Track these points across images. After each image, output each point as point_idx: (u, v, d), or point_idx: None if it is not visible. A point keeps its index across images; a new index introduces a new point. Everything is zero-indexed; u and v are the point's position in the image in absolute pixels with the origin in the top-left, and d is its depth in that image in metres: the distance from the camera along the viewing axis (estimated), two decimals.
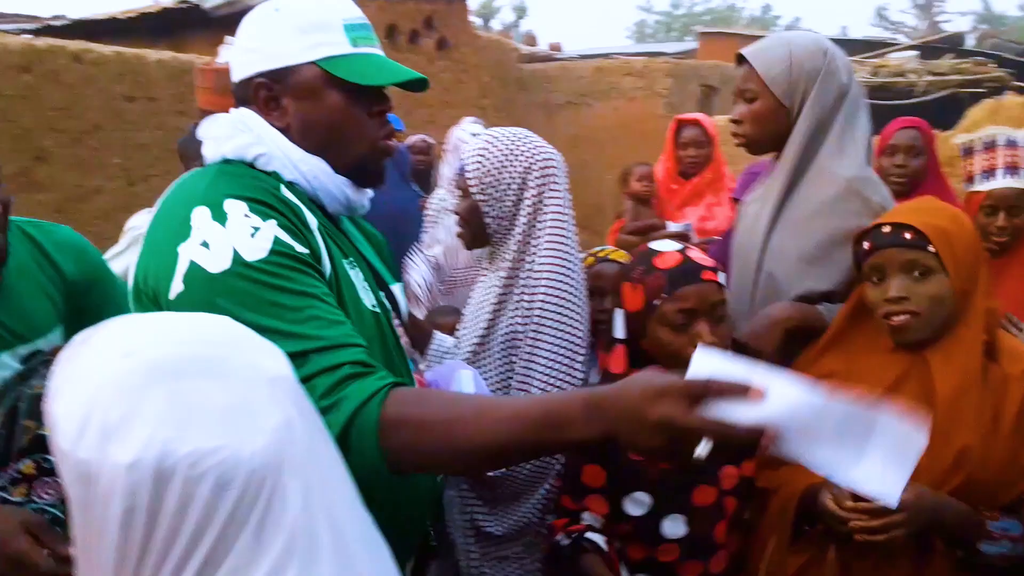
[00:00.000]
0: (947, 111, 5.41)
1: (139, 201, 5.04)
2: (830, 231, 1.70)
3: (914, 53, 9.46)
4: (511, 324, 1.70)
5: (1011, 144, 2.37)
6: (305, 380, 0.98)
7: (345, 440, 0.99)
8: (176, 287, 1.07)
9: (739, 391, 0.85)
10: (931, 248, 1.46)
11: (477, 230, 1.75)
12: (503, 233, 1.74)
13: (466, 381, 1.54)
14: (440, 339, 1.91)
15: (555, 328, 1.66)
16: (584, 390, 1.03)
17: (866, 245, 1.52)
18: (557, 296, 1.68)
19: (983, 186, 2.38)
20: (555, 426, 0.97)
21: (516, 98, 8.89)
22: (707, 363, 0.88)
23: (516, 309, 1.70)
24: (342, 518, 0.76)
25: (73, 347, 0.74)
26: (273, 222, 1.11)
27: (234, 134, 1.21)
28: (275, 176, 1.20)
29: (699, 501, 1.50)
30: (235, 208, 1.10)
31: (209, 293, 1.05)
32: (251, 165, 1.20)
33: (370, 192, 1.32)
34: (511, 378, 1.69)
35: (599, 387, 0.98)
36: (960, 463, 1.44)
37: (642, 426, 0.90)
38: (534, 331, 1.66)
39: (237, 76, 1.25)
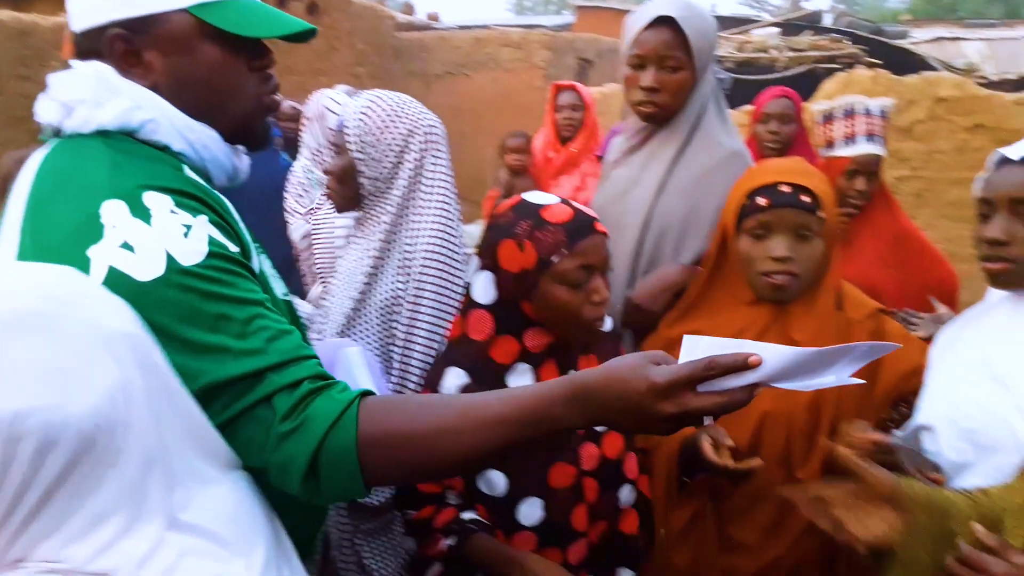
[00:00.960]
0: (805, 85, 5.69)
1: None
2: (717, 194, 1.73)
3: (776, 30, 9.90)
4: (392, 288, 1.65)
5: (869, 112, 2.49)
6: (263, 400, 0.91)
7: (315, 463, 0.91)
8: None
9: (740, 364, 0.88)
10: (821, 213, 1.53)
11: (350, 191, 1.68)
12: (377, 196, 1.67)
13: (355, 359, 1.48)
14: (297, 305, 1.85)
15: (436, 291, 1.63)
16: (564, 380, 0.96)
17: (762, 201, 1.53)
18: (439, 261, 1.64)
19: (845, 151, 2.49)
20: (540, 422, 0.94)
21: (392, 67, 8.70)
22: (697, 347, 0.91)
23: (396, 274, 1.65)
24: (189, 484, 0.74)
25: None
26: (204, 218, 0.97)
27: (106, 97, 1.01)
28: (168, 150, 1.03)
29: (556, 483, 1.41)
30: (158, 202, 0.94)
31: (138, 305, 0.87)
32: (130, 135, 1.02)
33: (247, 159, 1.18)
34: (391, 343, 1.65)
35: (580, 376, 0.95)
36: (817, 405, 1.52)
37: (654, 420, 0.91)
38: (415, 295, 1.62)
39: (81, 24, 1.04)
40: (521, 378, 1.42)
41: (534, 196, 1.45)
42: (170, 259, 0.90)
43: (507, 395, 0.98)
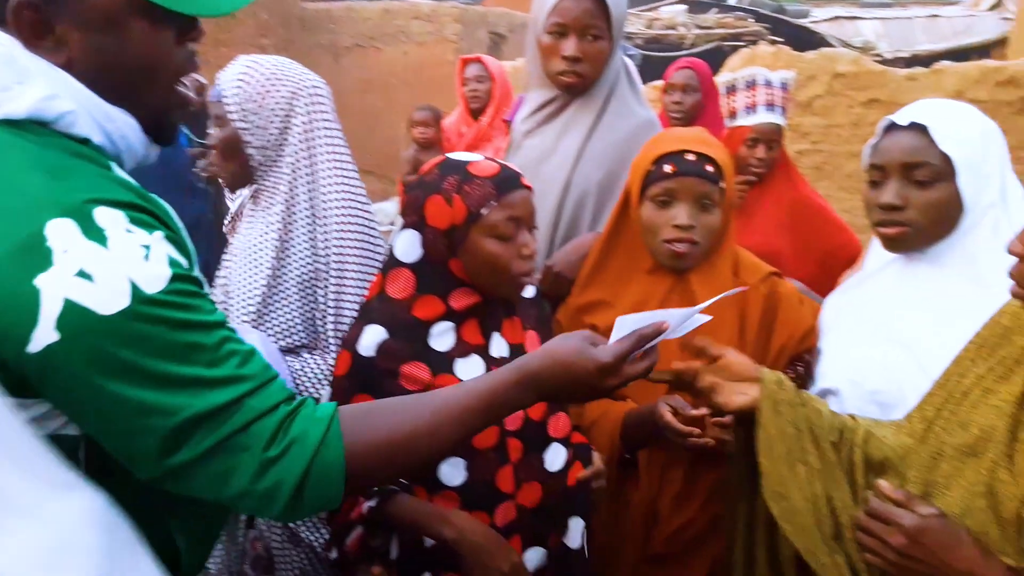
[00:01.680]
0: (712, 61, 5.81)
1: None
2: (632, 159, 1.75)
3: (683, 7, 10.06)
4: (310, 261, 1.59)
5: (769, 84, 2.57)
6: (241, 429, 0.86)
7: (303, 484, 0.90)
8: (44, 336, 0.78)
9: (657, 331, 1.08)
10: (722, 184, 1.55)
11: (237, 164, 1.61)
12: (268, 166, 1.60)
13: (256, 348, 1.43)
14: None
15: (359, 258, 1.59)
16: (512, 368, 1.07)
17: (668, 168, 1.54)
18: (356, 226, 1.59)
19: (746, 121, 2.56)
20: (499, 408, 1.05)
21: (298, 39, 8.44)
22: (625, 325, 1.09)
23: (309, 245, 1.59)
24: None
25: None
26: (160, 235, 0.87)
27: (15, 80, 0.87)
28: (87, 143, 0.91)
29: (479, 443, 1.38)
30: (112, 220, 0.83)
31: (103, 342, 0.80)
32: (42, 123, 0.88)
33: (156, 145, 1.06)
34: (316, 317, 1.62)
35: (527, 363, 1.07)
36: None
37: (597, 393, 1.07)
38: (338, 265, 1.57)
39: None
40: (443, 336, 1.40)
41: (458, 155, 1.44)
42: (134, 288, 0.82)
43: (468, 388, 1.05)
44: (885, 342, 1.45)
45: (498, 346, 1.44)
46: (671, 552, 1.64)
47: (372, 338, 1.39)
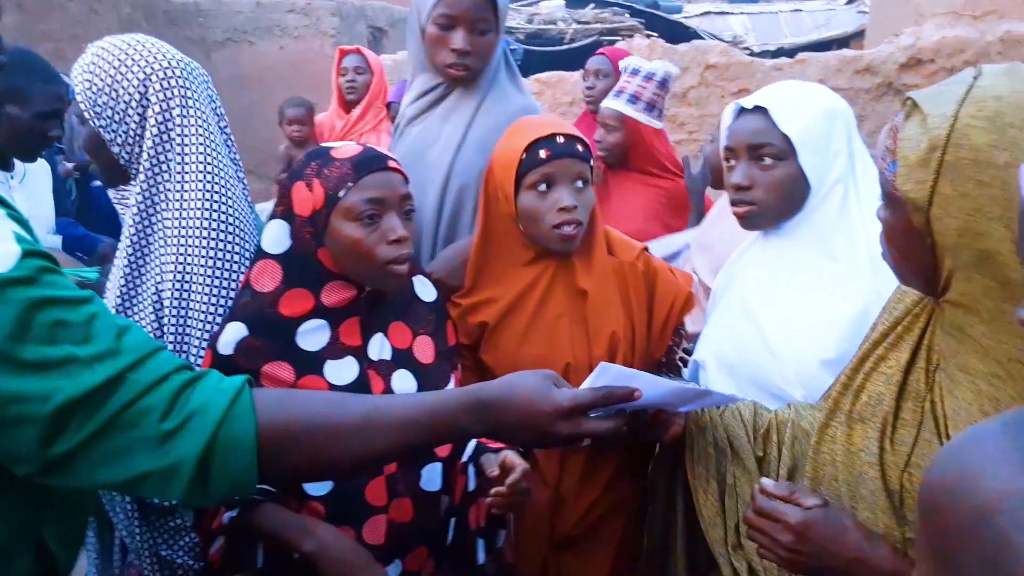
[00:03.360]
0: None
1: None
2: None
3: (562, 3, 10.19)
4: (160, 277, 1.40)
5: (635, 72, 2.64)
6: (127, 406, 0.79)
7: (207, 459, 0.83)
8: None
9: (628, 396, 1.01)
10: (592, 162, 1.57)
11: (108, 164, 1.44)
12: (135, 163, 1.42)
13: None
14: None
15: (207, 274, 1.38)
16: (467, 391, 1.00)
17: (543, 154, 1.53)
18: (203, 235, 1.38)
19: (601, 104, 2.70)
20: (443, 429, 0.97)
21: (166, 34, 8.03)
22: (605, 373, 1.03)
23: (161, 259, 1.40)
24: None
25: None
26: (2, 212, 0.83)
27: None
28: None
29: None
30: None
31: None
32: None
33: None
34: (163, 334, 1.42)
35: (483, 389, 1.00)
36: (613, 348, 1.57)
37: (549, 438, 0.98)
38: (179, 282, 1.38)
39: None
40: (315, 334, 1.33)
41: (330, 143, 1.40)
42: None
43: (411, 400, 0.99)
44: (741, 316, 1.50)
45: (379, 348, 1.39)
46: (578, 535, 1.65)
47: (231, 335, 1.32)
